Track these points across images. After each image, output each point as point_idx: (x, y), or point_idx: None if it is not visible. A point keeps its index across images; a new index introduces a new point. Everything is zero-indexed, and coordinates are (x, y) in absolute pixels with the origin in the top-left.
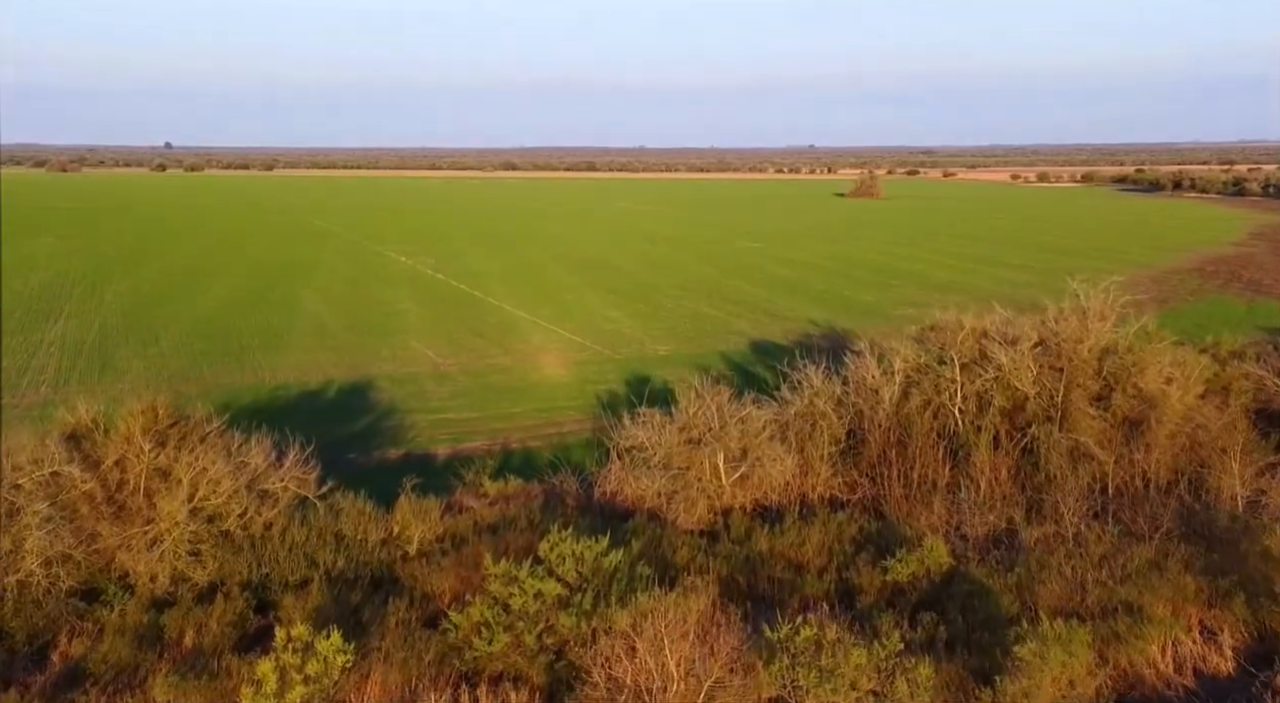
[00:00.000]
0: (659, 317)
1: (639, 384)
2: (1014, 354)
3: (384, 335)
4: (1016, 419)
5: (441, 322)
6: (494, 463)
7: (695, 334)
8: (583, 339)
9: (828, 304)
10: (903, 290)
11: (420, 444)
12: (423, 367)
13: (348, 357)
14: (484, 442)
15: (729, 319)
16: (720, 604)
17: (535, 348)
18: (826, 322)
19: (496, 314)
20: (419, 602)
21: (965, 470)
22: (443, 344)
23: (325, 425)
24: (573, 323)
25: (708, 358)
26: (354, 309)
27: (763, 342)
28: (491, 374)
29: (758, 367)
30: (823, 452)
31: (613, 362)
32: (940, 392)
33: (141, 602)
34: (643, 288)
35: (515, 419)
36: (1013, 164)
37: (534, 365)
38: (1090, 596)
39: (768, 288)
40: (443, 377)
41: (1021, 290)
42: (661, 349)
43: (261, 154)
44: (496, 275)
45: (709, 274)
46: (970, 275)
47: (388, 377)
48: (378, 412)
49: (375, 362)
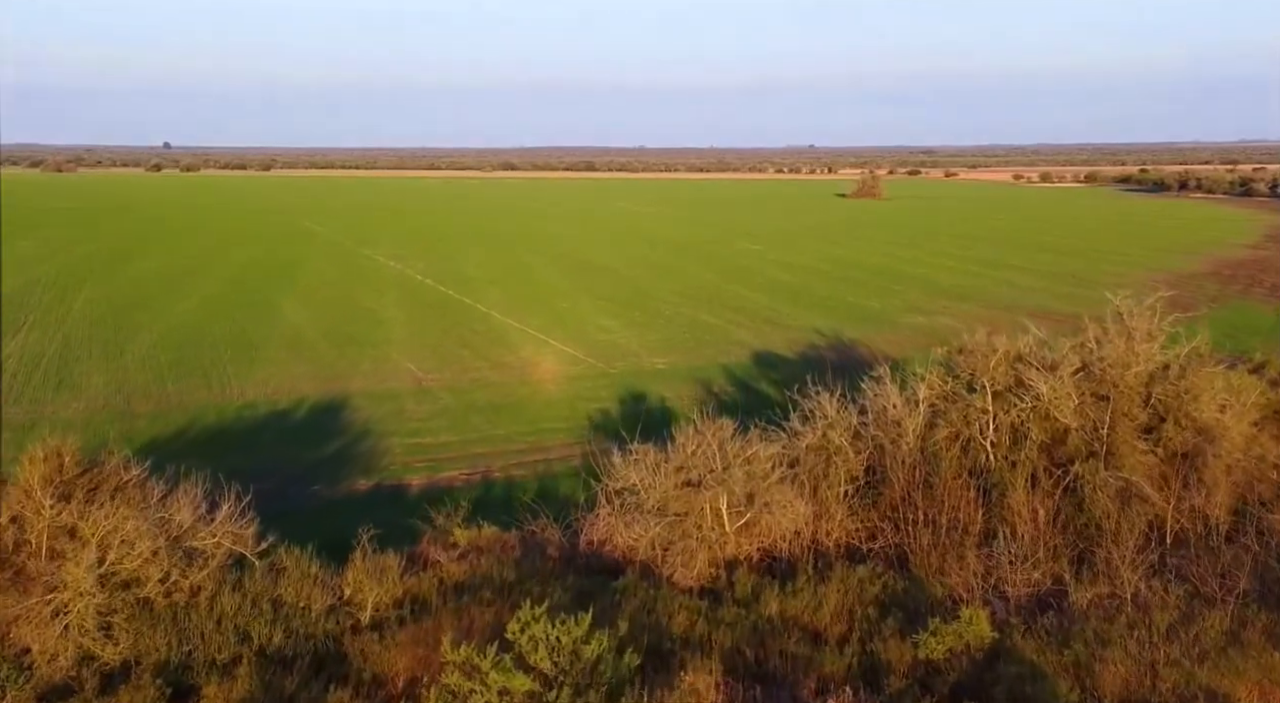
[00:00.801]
0: (656, 325)
1: (634, 402)
2: (1054, 381)
3: (365, 346)
4: (1056, 454)
5: (427, 331)
6: (469, 503)
7: (694, 345)
8: (575, 351)
9: (832, 311)
10: (909, 295)
11: (393, 473)
12: (403, 382)
13: (324, 370)
14: (463, 470)
15: (729, 328)
16: (724, 686)
17: (525, 361)
18: (832, 330)
19: (486, 323)
20: (367, 688)
21: (1000, 514)
22: (427, 356)
23: (292, 451)
24: (565, 333)
25: (708, 372)
26: (336, 317)
27: (766, 353)
28: (476, 391)
29: (761, 382)
30: (838, 492)
31: (606, 377)
32: (970, 423)
33: (38, 687)
34: (640, 294)
35: (499, 443)
36: (1013, 164)
37: (522, 381)
38: (1162, 680)
39: (769, 293)
40: (424, 394)
41: (1031, 296)
42: (659, 362)
43: (260, 154)
44: (488, 280)
45: (708, 279)
46: (978, 279)
47: (365, 393)
48: (350, 434)
49: (353, 376)
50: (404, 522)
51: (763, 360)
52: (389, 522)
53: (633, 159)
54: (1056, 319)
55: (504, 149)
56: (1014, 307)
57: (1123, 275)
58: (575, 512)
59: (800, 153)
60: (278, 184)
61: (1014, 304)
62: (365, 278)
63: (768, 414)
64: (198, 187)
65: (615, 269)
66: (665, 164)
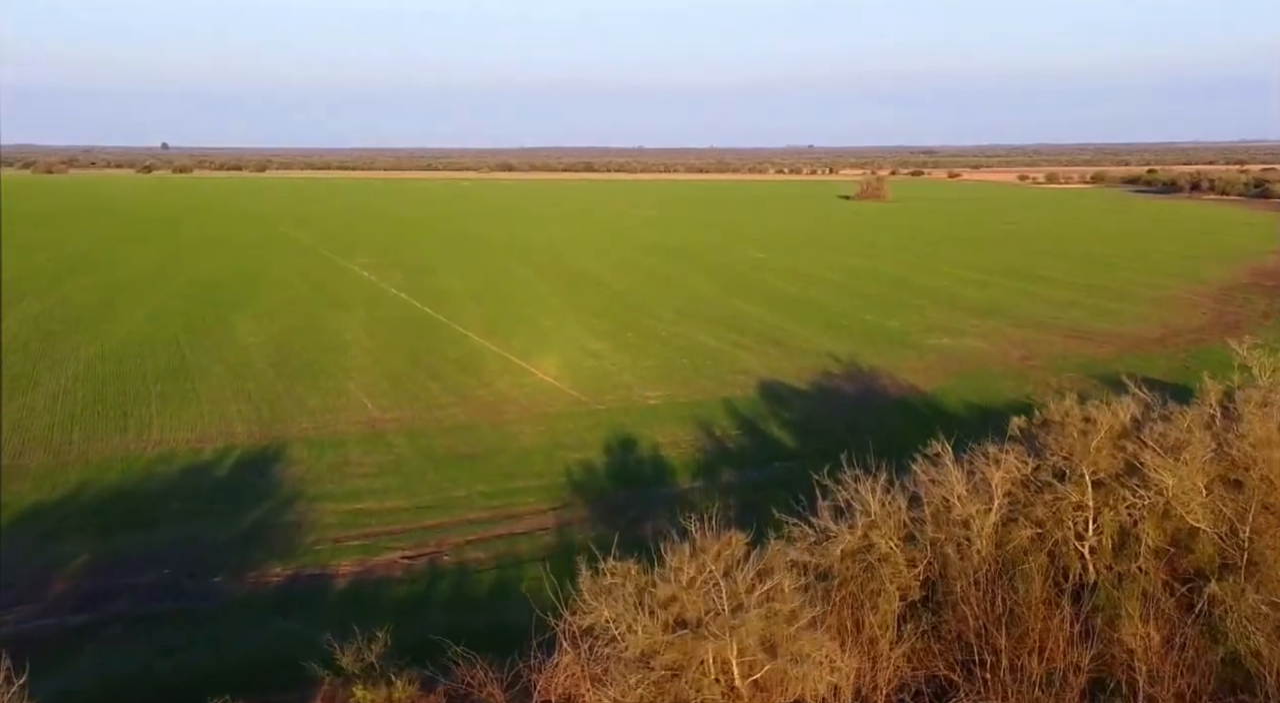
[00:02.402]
0: (651, 349)
1: (623, 450)
2: (1177, 468)
3: (319, 377)
4: (1179, 565)
5: (393, 358)
6: (387, 636)
7: (693, 373)
8: (559, 382)
9: (847, 331)
10: (930, 312)
11: (318, 556)
12: (355, 424)
13: (265, 408)
14: (407, 550)
15: (733, 352)
16: None
17: (499, 396)
18: (848, 355)
19: (461, 347)
20: None
21: (1108, 652)
22: (388, 390)
23: (200, 524)
24: (549, 359)
25: (708, 408)
26: (293, 340)
27: (775, 384)
28: (439, 436)
29: (771, 423)
30: (887, 620)
31: (592, 416)
32: (1061, 522)
33: None
34: (634, 310)
35: (456, 510)
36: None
37: (495, 422)
38: None
39: (776, 309)
40: (376, 439)
41: (1065, 311)
42: (652, 395)
43: (258, 155)
44: (470, 294)
45: (709, 292)
46: (1002, 293)
47: (307, 440)
48: (277, 498)
49: (298, 415)
50: (314, 638)
51: (771, 394)
52: (293, 640)
53: (632, 159)
54: (1099, 340)
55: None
56: (1048, 325)
57: (1159, 287)
58: (527, 653)
59: (800, 153)
60: (268, 186)
61: (1047, 322)
62: (335, 292)
63: (779, 468)
64: (184, 189)
65: (608, 281)
66: (664, 164)
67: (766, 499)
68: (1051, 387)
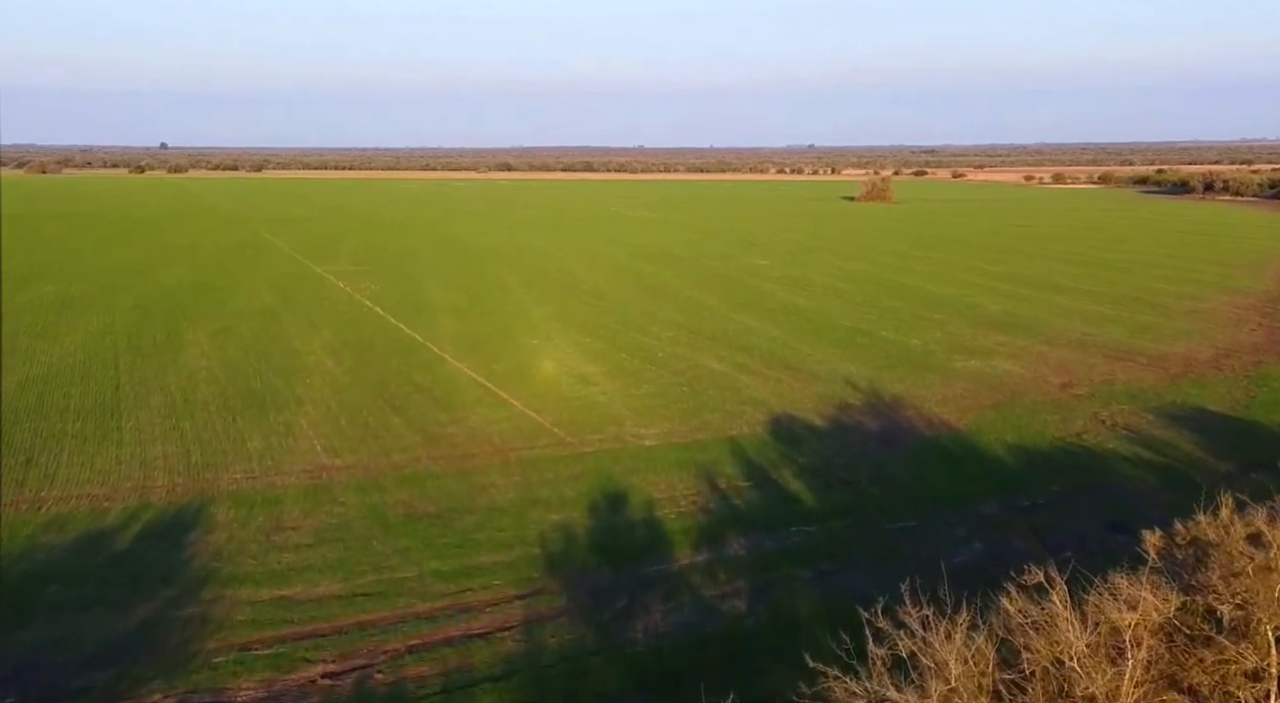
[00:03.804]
0: (648, 373)
1: (611, 508)
2: None
3: (265, 410)
4: None
5: (355, 385)
6: None
7: (694, 404)
8: (541, 415)
9: (863, 351)
10: (952, 327)
11: (215, 675)
12: (298, 472)
13: (196, 452)
14: (330, 662)
15: (739, 377)
16: None
17: (470, 435)
18: (867, 381)
19: (433, 372)
20: None
21: None
22: (344, 426)
23: (78, 618)
24: (532, 387)
25: (711, 451)
26: (246, 362)
27: (786, 419)
28: (395, 488)
29: (785, 471)
30: None
31: (577, 461)
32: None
33: None
34: (629, 326)
35: (402, 599)
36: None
37: (462, 468)
38: None
39: (783, 325)
40: (320, 493)
41: (1101, 327)
42: (647, 433)
43: (257, 155)
44: (451, 308)
45: (711, 305)
46: (1028, 304)
47: (237, 495)
48: (183, 580)
49: (233, 461)
50: None
51: (783, 432)
52: None
53: (631, 159)
54: (1143, 362)
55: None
56: (1083, 343)
57: (1195, 297)
58: None
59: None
60: (259, 187)
61: (1084, 340)
62: (304, 305)
63: (797, 535)
64: (172, 190)
65: (601, 291)
66: (664, 164)
67: (784, 581)
68: (1104, 423)
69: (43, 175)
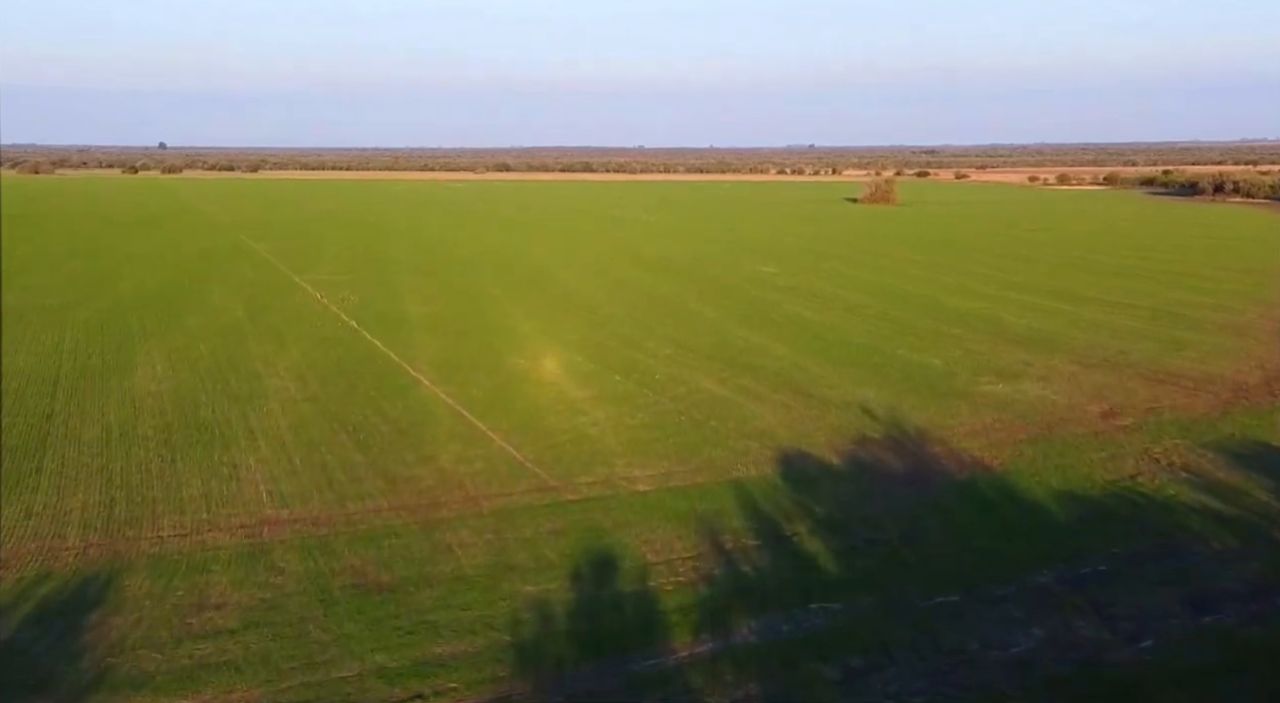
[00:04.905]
0: (642, 399)
1: (597, 576)
2: None
3: (212, 447)
4: None
5: (315, 416)
6: None
7: (694, 436)
8: (522, 452)
9: (879, 372)
10: (972, 344)
11: None
12: (236, 527)
13: (121, 501)
14: None
15: (744, 404)
16: None
17: (440, 478)
18: (887, 409)
19: (406, 397)
20: None
21: None
22: (298, 467)
23: None
24: (514, 416)
25: (714, 498)
26: (200, 387)
27: (799, 456)
28: (346, 549)
29: (800, 526)
30: None
31: (560, 512)
32: None
33: None
34: (624, 342)
35: None
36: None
37: (427, 521)
38: None
39: (791, 341)
40: (257, 556)
41: (1133, 344)
42: (641, 475)
43: (255, 155)
44: (431, 322)
45: (712, 319)
46: (1050, 318)
47: (156, 561)
48: (61, 689)
49: (162, 512)
50: None
51: (796, 473)
52: None
53: (631, 159)
54: (1188, 386)
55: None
56: (1117, 362)
57: (1229, 310)
58: None
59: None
60: (250, 187)
61: (1115, 358)
62: (274, 319)
63: (819, 615)
64: (160, 190)
65: (595, 303)
66: (664, 164)
67: (806, 684)
68: (1158, 462)
69: (35, 175)
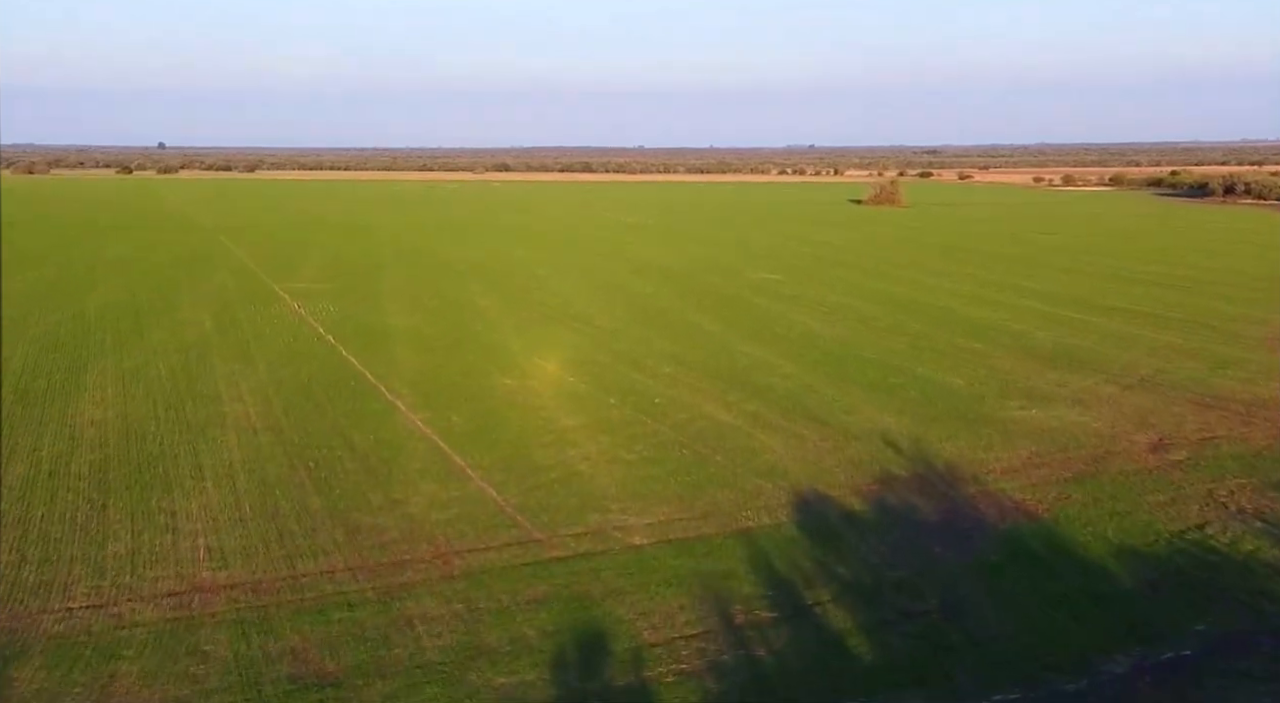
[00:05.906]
0: (640, 427)
1: (583, 663)
2: None
3: (149, 491)
4: None
5: (274, 449)
6: None
7: (699, 476)
8: (503, 495)
9: (898, 394)
10: (996, 361)
11: None
12: (158, 598)
13: (29, 564)
14: None
15: (752, 433)
16: None
17: (408, 529)
18: (911, 439)
19: (379, 426)
20: None
21: None
22: (244, 515)
23: None
24: (498, 449)
25: (720, 554)
26: (151, 414)
27: (817, 499)
28: (287, 627)
29: (822, 593)
30: None
31: (543, 572)
32: None
33: None
34: (621, 360)
35: None
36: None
37: (387, 587)
38: None
39: (801, 359)
40: (178, 638)
41: (1171, 361)
42: (638, 524)
43: (253, 155)
44: (412, 337)
45: (715, 332)
46: (1080, 332)
47: (57, 643)
48: None
49: (76, 580)
50: None
51: (814, 522)
52: None
53: (631, 160)
54: (1239, 412)
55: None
56: (1159, 383)
57: (1267, 323)
58: None
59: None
60: (244, 188)
61: (1157, 378)
62: (244, 333)
63: None
64: (148, 193)
65: (591, 315)
66: (664, 165)
67: None
68: (1226, 507)
69: (29, 176)
